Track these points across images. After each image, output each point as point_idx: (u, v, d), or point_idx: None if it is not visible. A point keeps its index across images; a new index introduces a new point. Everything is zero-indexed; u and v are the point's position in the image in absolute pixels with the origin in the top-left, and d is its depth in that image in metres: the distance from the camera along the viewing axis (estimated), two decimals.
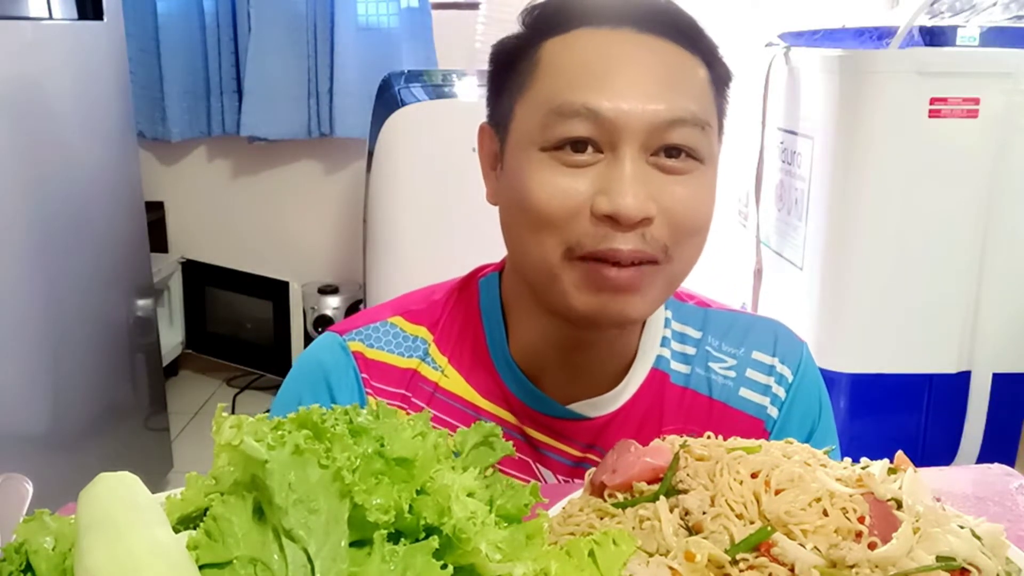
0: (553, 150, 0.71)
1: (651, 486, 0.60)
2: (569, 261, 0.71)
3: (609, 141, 0.70)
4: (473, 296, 0.86)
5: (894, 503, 0.56)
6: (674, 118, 0.70)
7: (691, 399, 0.84)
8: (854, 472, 0.58)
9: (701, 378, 0.85)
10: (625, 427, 0.82)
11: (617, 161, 0.70)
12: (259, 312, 3.02)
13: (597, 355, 0.82)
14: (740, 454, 0.59)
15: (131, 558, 0.41)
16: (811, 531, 0.53)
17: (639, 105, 0.70)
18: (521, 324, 0.83)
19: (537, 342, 0.82)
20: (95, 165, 2.07)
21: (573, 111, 0.70)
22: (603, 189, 0.69)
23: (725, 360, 0.86)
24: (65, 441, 1.95)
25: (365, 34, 2.80)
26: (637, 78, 0.71)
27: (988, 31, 1.75)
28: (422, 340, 0.85)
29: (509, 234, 0.78)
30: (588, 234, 0.70)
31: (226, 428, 0.47)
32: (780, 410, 0.85)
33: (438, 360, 0.84)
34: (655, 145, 0.71)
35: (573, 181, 0.70)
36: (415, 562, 0.42)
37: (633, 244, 0.70)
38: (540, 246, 0.72)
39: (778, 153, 2.00)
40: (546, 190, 0.71)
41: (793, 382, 0.86)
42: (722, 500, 0.55)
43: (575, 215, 0.70)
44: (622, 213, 0.68)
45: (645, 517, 0.57)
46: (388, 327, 0.86)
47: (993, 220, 1.70)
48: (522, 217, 0.73)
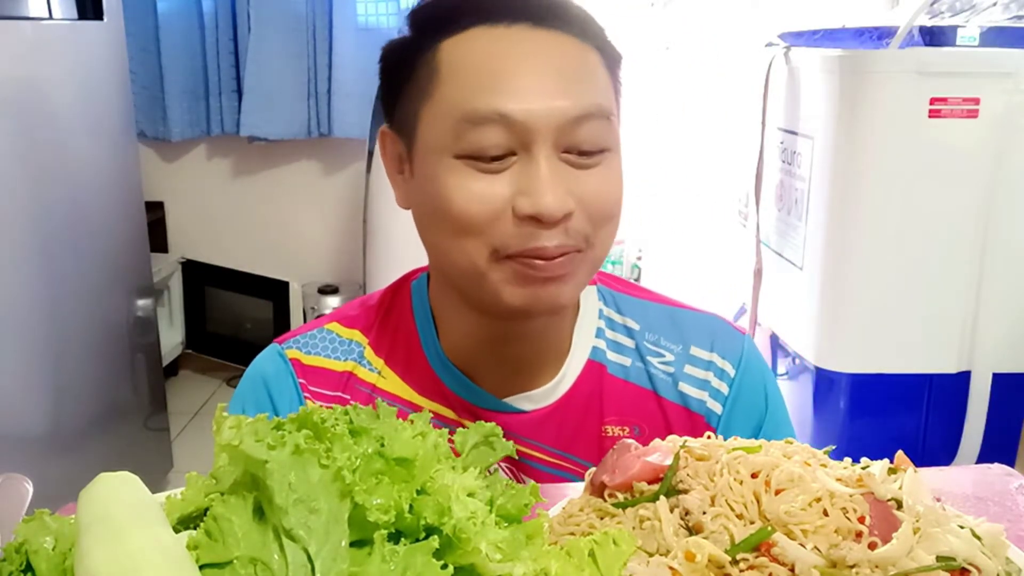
0: (467, 157, 0.71)
1: (651, 486, 0.60)
2: (496, 261, 0.72)
3: (521, 142, 0.71)
4: (406, 299, 0.88)
5: (894, 503, 0.56)
6: (582, 113, 0.71)
7: (632, 392, 0.85)
8: (854, 472, 0.58)
9: (641, 371, 0.86)
10: (565, 420, 0.83)
11: (532, 161, 0.71)
12: (259, 312, 3.03)
13: (529, 347, 0.83)
14: (740, 454, 0.59)
15: (131, 558, 0.41)
16: (811, 531, 0.53)
17: (548, 104, 0.70)
18: (450, 323, 0.84)
19: (467, 339, 0.83)
20: (95, 165, 2.07)
21: (483, 117, 0.70)
22: (523, 190, 0.70)
23: (663, 355, 0.86)
24: (65, 441, 1.95)
25: (365, 34, 2.80)
26: (542, 77, 0.71)
27: (988, 31, 1.75)
28: (357, 343, 0.86)
29: (428, 239, 0.78)
30: (512, 235, 0.71)
31: (226, 428, 0.47)
32: (724, 405, 0.85)
33: (374, 362, 0.85)
34: (566, 142, 0.71)
35: (491, 185, 0.71)
36: (415, 562, 0.42)
37: (558, 240, 0.71)
38: (463, 250, 0.73)
39: (778, 153, 2.00)
40: (464, 196, 0.71)
41: (735, 377, 0.86)
42: (722, 500, 0.55)
43: (496, 218, 0.71)
44: (545, 213, 0.69)
45: (645, 517, 0.57)
46: (324, 333, 0.87)
47: (993, 220, 1.70)
48: (441, 223, 0.73)
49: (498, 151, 0.71)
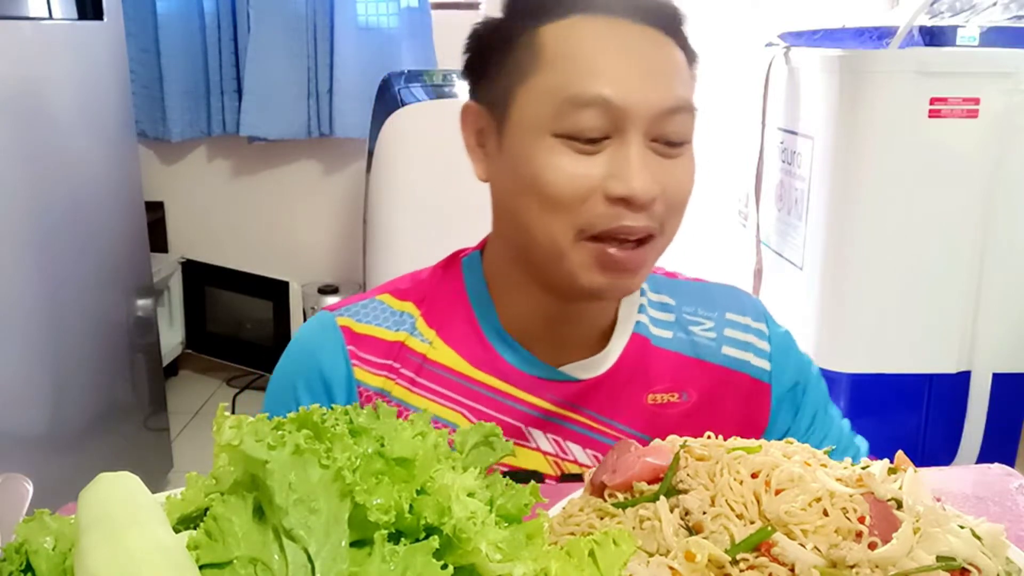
0: (565, 136, 0.75)
1: (651, 486, 0.60)
2: (579, 242, 0.76)
3: (616, 127, 0.75)
4: (457, 275, 0.90)
5: (894, 503, 0.56)
6: (674, 105, 0.76)
7: (677, 361, 0.89)
8: (854, 472, 0.58)
9: (683, 340, 0.90)
10: (613, 388, 0.87)
11: (624, 146, 0.75)
12: (259, 312, 3.02)
13: (584, 324, 0.87)
14: (740, 454, 0.59)
15: (131, 558, 0.41)
16: (811, 531, 0.53)
17: (645, 94, 0.75)
18: (509, 299, 0.87)
19: (526, 314, 0.86)
20: (95, 165, 2.07)
21: (588, 100, 0.74)
22: (615, 173, 0.74)
23: (703, 323, 0.92)
24: (65, 441, 1.95)
25: (365, 34, 2.80)
26: (640, 68, 0.76)
27: (988, 31, 1.75)
28: (409, 315, 0.89)
29: (509, 214, 0.82)
30: (600, 215, 0.75)
31: (226, 428, 0.47)
32: (770, 361, 0.91)
33: (426, 333, 0.87)
34: (656, 131, 0.76)
35: (585, 166, 0.75)
36: (415, 562, 0.42)
37: (644, 221, 0.75)
38: (548, 227, 0.76)
39: (778, 153, 2.00)
40: (560, 175, 0.75)
41: (769, 335, 0.92)
42: (722, 500, 0.55)
43: (586, 198, 0.75)
44: (636, 195, 0.74)
45: (645, 517, 0.57)
46: (376, 303, 0.90)
47: (993, 220, 1.70)
48: (530, 199, 0.77)
49: (595, 133, 0.75)
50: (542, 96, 0.76)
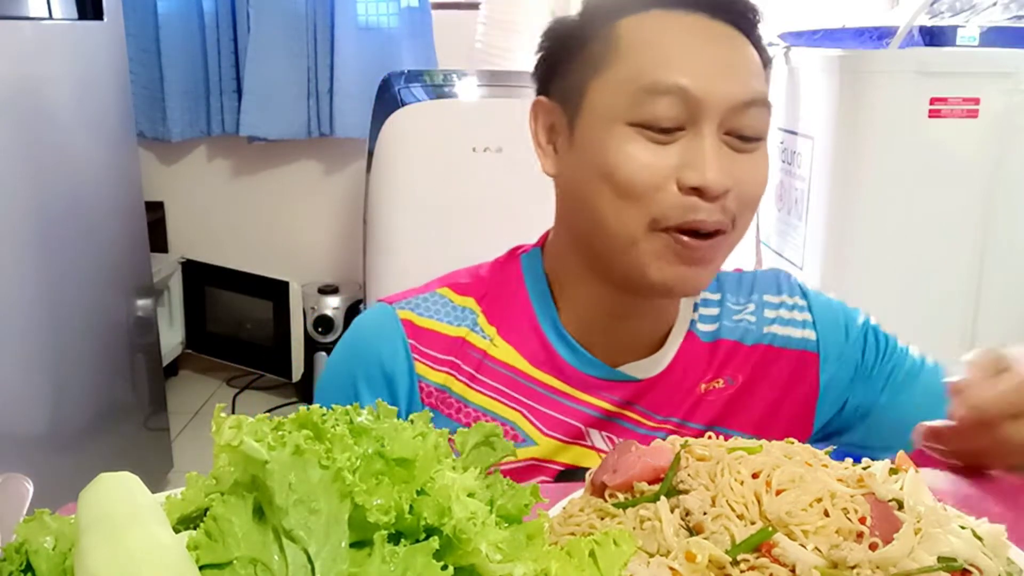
0: (640, 125, 0.75)
1: (652, 486, 0.60)
2: (652, 232, 0.76)
3: (692, 117, 0.75)
4: (517, 271, 0.90)
5: (895, 503, 0.56)
6: (751, 99, 0.77)
7: (723, 351, 0.90)
8: (855, 472, 0.58)
9: (728, 328, 0.90)
10: (668, 386, 0.87)
11: (699, 136, 0.75)
12: (259, 312, 3.02)
13: (645, 322, 0.87)
14: (741, 454, 0.59)
15: (131, 558, 0.41)
16: (812, 532, 0.53)
17: (722, 86, 0.75)
18: (570, 295, 0.87)
19: (587, 312, 0.86)
20: (95, 165, 2.07)
21: (664, 89, 0.75)
22: (688, 163, 0.75)
23: (745, 307, 0.92)
24: (65, 441, 1.95)
25: (365, 34, 2.80)
26: (718, 61, 0.77)
27: (988, 31, 1.75)
28: (470, 311, 0.88)
29: (579, 205, 0.81)
30: (674, 206, 0.75)
31: (226, 428, 0.47)
32: (815, 330, 0.91)
33: (487, 330, 0.87)
34: (731, 123, 0.76)
35: (659, 156, 0.75)
36: (415, 563, 0.42)
37: (717, 216, 0.76)
38: (620, 215, 0.77)
39: (778, 153, 2.00)
40: (634, 163, 0.75)
41: (809, 305, 0.93)
42: (723, 500, 0.55)
43: (660, 187, 0.75)
44: (710, 186, 0.74)
45: (646, 517, 0.57)
46: (437, 297, 0.89)
47: (993, 220, 1.70)
48: (604, 188, 0.77)
49: (670, 123, 0.75)
50: (618, 86, 0.77)
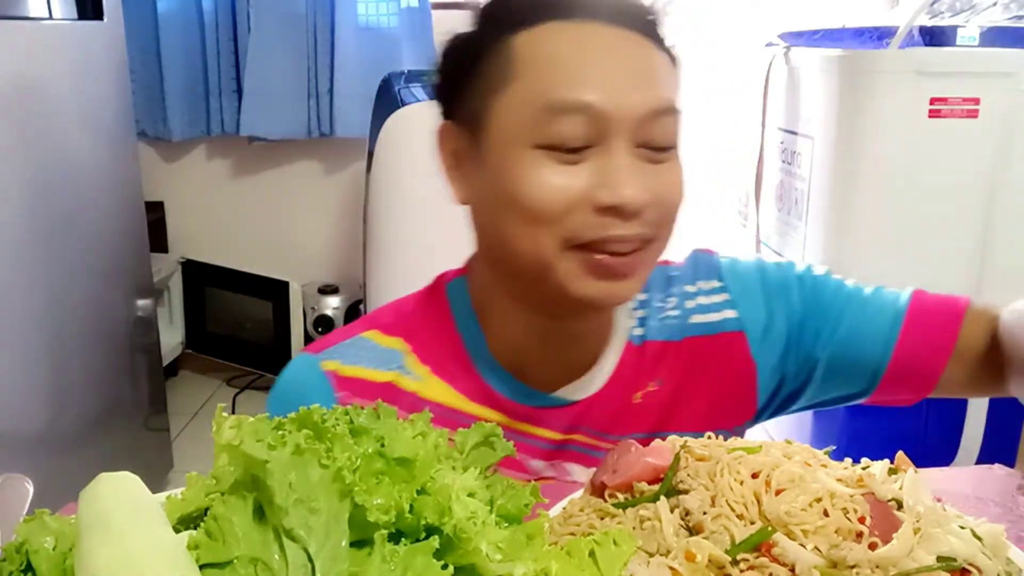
0: (546, 147, 0.72)
1: (652, 486, 0.60)
2: (565, 251, 0.73)
3: (600, 133, 0.72)
4: (443, 302, 0.87)
5: (895, 503, 0.56)
6: (659, 108, 0.73)
7: (652, 352, 0.87)
8: (855, 472, 0.58)
9: (654, 329, 0.88)
10: (609, 401, 0.85)
11: (610, 153, 0.72)
12: (259, 312, 3.02)
13: (580, 340, 0.84)
14: (741, 454, 0.59)
15: (132, 558, 0.41)
16: (812, 531, 0.53)
17: (628, 98, 0.72)
18: (498, 322, 0.84)
19: (517, 337, 0.83)
20: (95, 165, 2.07)
21: (565, 107, 0.71)
22: (602, 182, 0.71)
23: (667, 304, 0.90)
24: (65, 441, 1.95)
25: (365, 34, 2.80)
26: (621, 71, 0.73)
27: (988, 31, 1.74)
28: (397, 352, 0.85)
29: (492, 231, 0.79)
30: (588, 225, 0.72)
31: (226, 428, 0.47)
32: (736, 308, 0.89)
33: (417, 370, 0.84)
34: (641, 135, 0.73)
35: (568, 177, 0.72)
36: (415, 562, 0.42)
37: (636, 229, 0.73)
38: (532, 239, 0.73)
39: (778, 153, 2.00)
40: (543, 187, 0.72)
41: (726, 284, 0.90)
42: (723, 500, 0.55)
43: (571, 209, 0.72)
44: (627, 204, 0.71)
45: (646, 517, 0.57)
46: (363, 342, 0.86)
47: (993, 220, 1.70)
48: (512, 213, 0.74)
49: (577, 142, 0.72)
50: (519, 106, 0.73)
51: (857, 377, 0.88)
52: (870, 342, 0.86)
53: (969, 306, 0.88)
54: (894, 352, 0.86)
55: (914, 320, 0.87)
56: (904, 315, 0.87)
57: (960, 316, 0.87)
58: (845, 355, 0.87)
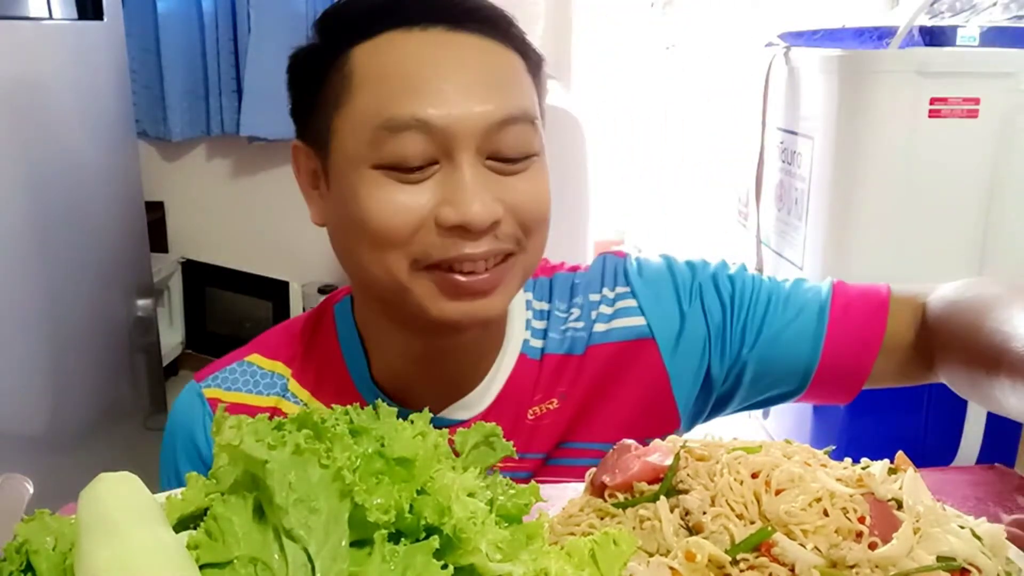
0: (386, 167, 0.69)
1: (651, 486, 0.60)
2: (416, 272, 0.70)
3: (443, 149, 0.68)
4: (330, 324, 0.85)
5: (894, 503, 0.56)
6: (505, 117, 0.69)
7: (551, 366, 0.83)
8: (854, 472, 0.58)
9: (554, 342, 0.84)
10: (500, 418, 0.80)
11: (455, 169, 0.68)
12: (259, 312, 3.02)
13: (464, 357, 0.81)
14: (741, 454, 0.59)
15: (132, 558, 0.41)
16: (811, 531, 0.52)
17: (469, 109, 0.68)
18: (378, 344, 0.81)
19: (397, 360, 0.80)
20: (95, 165, 2.07)
21: (402, 124, 0.67)
22: (447, 200, 0.68)
23: (570, 315, 0.85)
24: (65, 441, 1.95)
25: None
26: (462, 80, 0.69)
27: (988, 31, 1.74)
28: (279, 376, 0.83)
29: (347, 255, 0.75)
30: (435, 245, 0.69)
31: (226, 428, 0.47)
32: (644, 313, 0.84)
33: (299, 394, 0.82)
34: (490, 147, 0.69)
35: (413, 196, 0.68)
36: (415, 562, 0.42)
37: (487, 246, 0.69)
38: (382, 263, 0.70)
39: (778, 153, 2.00)
40: (386, 209, 0.68)
41: (633, 289, 0.85)
42: (722, 500, 0.55)
43: (417, 230, 0.69)
44: (472, 222, 0.67)
45: (645, 517, 0.57)
46: (245, 367, 0.85)
47: (993, 220, 1.70)
48: (360, 237, 0.71)
49: (419, 160, 0.68)
50: (357, 125, 0.69)
51: (787, 377, 0.85)
52: (797, 341, 0.83)
53: (892, 296, 0.84)
54: (823, 350, 0.83)
55: (839, 316, 0.83)
56: (828, 311, 0.83)
57: (885, 308, 0.83)
58: (773, 356, 0.84)
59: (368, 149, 0.69)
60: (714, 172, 2.39)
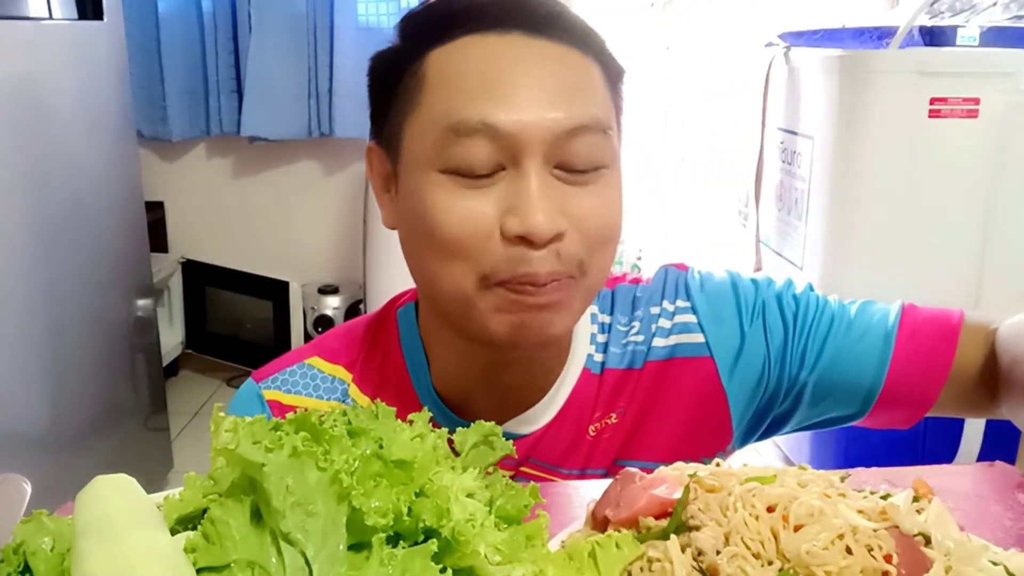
0: (452, 172, 0.67)
1: (659, 521, 0.55)
2: (485, 288, 0.68)
3: (510, 156, 0.66)
4: (392, 329, 0.83)
5: (922, 539, 0.52)
6: (576, 126, 0.67)
7: (611, 381, 0.82)
8: (877, 504, 0.54)
9: (614, 356, 0.82)
10: (560, 434, 0.80)
11: (521, 176, 0.66)
12: (259, 312, 3.02)
13: (527, 372, 0.79)
14: (755, 485, 0.55)
15: (128, 561, 0.41)
16: (835, 572, 0.49)
17: (539, 115, 0.66)
18: (441, 354, 0.79)
19: (460, 370, 0.79)
20: (95, 165, 2.07)
21: (470, 128, 0.66)
22: (511, 208, 0.66)
23: (631, 328, 0.83)
24: (65, 441, 1.95)
25: (365, 34, 2.80)
26: (534, 86, 0.67)
27: (988, 31, 1.74)
28: (340, 380, 0.82)
29: (414, 262, 0.74)
30: (502, 259, 0.67)
31: (223, 431, 0.47)
32: (703, 331, 0.82)
33: (359, 400, 0.81)
34: (558, 156, 0.67)
35: (478, 203, 0.67)
36: (414, 565, 0.42)
37: (550, 265, 0.67)
38: (450, 275, 0.69)
39: (778, 153, 2.00)
40: (451, 216, 0.67)
41: (693, 304, 0.83)
42: (737, 538, 0.51)
43: (485, 239, 0.67)
44: (535, 232, 0.65)
45: (655, 558, 0.52)
46: (306, 369, 0.83)
47: (993, 220, 1.70)
48: (428, 245, 0.69)
49: (485, 165, 0.66)
50: (425, 128, 0.68)
51: (849, 399, 0.83)
52: (861, 364, 0.81)
53: (964, 322, 0.81)
54: (888, 374, 0.80)
55: (907, 339, 0.81)
56: (896, 335, 0.81)
57: (956, 334, 0.80)
58: (834, 378, 0.82)
59: (435, 152, 0.68)
60: (714, 172, 2.39)
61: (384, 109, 0.75)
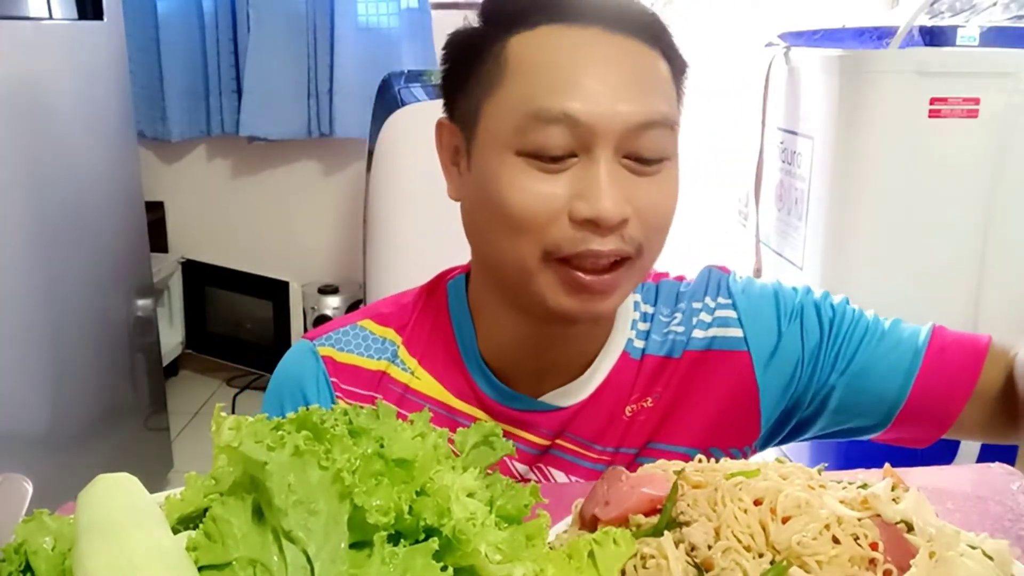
0: (528, 155, 0.71)
1: (649, 518, 0.56)
2: (547, 263, 0.73)
3: (583, 144, 0.71)
4: (442, 298, 0.87)
5: (903, 526, 0.53)
6: (647, 120, 0.72)
7: (650, 367, 0.86)
8: (858, 494, 0.55)
9: (655, 344, 0.86)
10: (597, 411, 0.84)
11: (592, 164, 0.71)
12: (259, 312, 3.02)
13: (571, 346, 0.84)
14: (740, 479, 0.56)
15: (130, 560, 0.41)
16: (825, 561, 0.50)
17: (614, 108, 0.70)
18: (490, 324, 0.84)
19: (507, 341, 0.83)
20: (95, 165, 2.07)
21: (550, 117, 0.70)
22: (581, 193, 0.71)
23: (672, 320, 0.88)
24: (65, 441, 1.95)
25: (365, 34, 2.80)
26: (611, 80, 0.71)
27: (988, 31, 1.75)
28: (391, 342, 0.86)
29: (479, 234, 0.79)
30: (567, 238, 0.71)
31: (225, 429, 0.47)
32: (742, 327, 0.86)
33: (408, 362, 0.85)
34: (628, 147, 0.72)
35: (550, 186, 0.71)
36: (415, 564, 0.42)
37: (613, 245, 0.72)
38: (515, 249, 0.73)
39: (778, 153, 2.00)
40: (524, 195, 0.71)
41: (735, 301, 0.87)
42: (728, 532, 0.52)
43: (553, 219, 0.71)
44: (603, 217, 0.70)
45: (649, 555, 0.53)
46: (357, 330, 0.87)
47: (993, 220, 1.70)
48: (496, 220, 0.74)
49: (560, 151, 0.71)
50: (506, 111, 0.72)
51: (872, 411, 0.85)
52: (888, 376, 0.84)
53: (991, 346, 0.85)
54: (912, 388, 0.83)
55: (934, 357, 0.84)
56: (924, 351, 0.84)
57: (982, 356, 0.84)
58: (861, 388, 0.85)
59: (514, 135, 0.71)
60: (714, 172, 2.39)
61: (459, 86, 0.78)
